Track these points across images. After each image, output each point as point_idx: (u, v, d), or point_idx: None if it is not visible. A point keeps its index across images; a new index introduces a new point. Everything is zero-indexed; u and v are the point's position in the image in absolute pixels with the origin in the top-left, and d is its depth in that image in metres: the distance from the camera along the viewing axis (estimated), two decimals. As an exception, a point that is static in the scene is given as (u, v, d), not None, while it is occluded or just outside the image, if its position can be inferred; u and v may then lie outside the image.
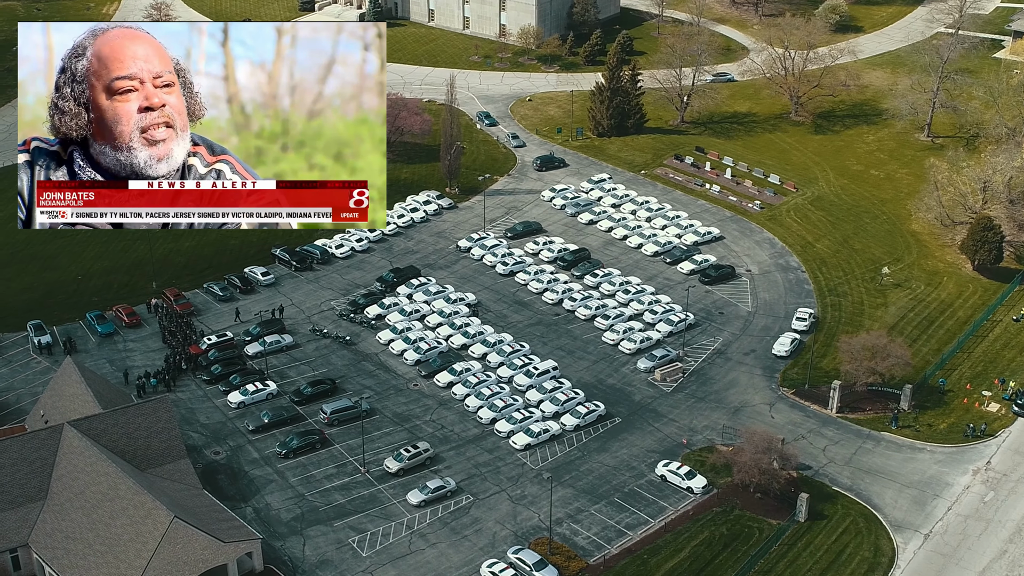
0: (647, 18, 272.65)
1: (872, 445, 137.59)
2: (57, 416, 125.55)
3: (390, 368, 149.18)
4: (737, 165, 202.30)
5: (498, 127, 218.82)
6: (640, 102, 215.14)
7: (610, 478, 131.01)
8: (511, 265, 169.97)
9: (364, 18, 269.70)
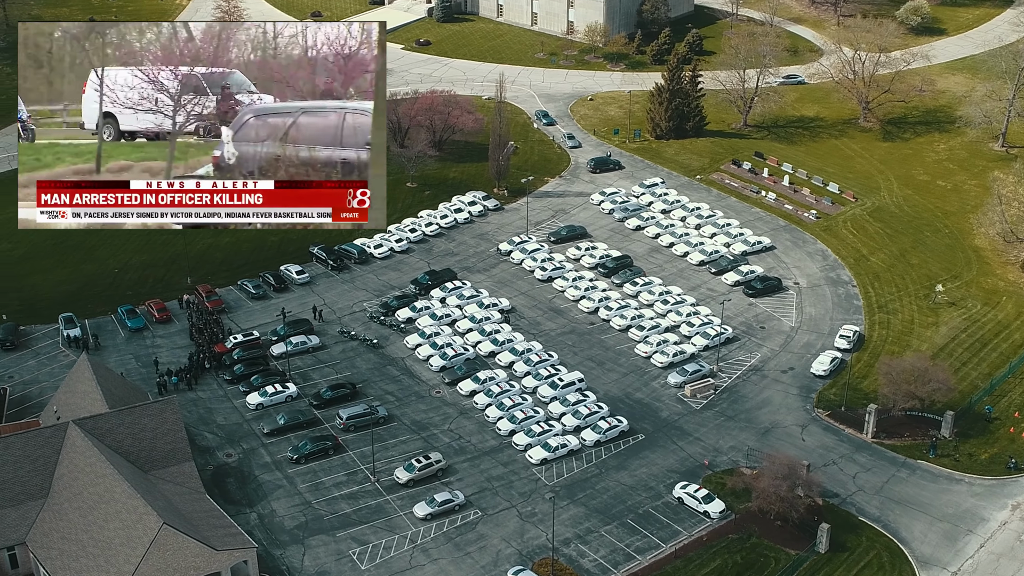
0: (720, 16, 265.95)
1: (906, 474, 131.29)
2: (68, 413, 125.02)
3: (414, 374, 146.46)
4: (796, 172, 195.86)
5: (556, 127, 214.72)
6: (700, 104, 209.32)
7: (625, 498, 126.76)
8: (550, 271, 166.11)
9: (432, 13, 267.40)
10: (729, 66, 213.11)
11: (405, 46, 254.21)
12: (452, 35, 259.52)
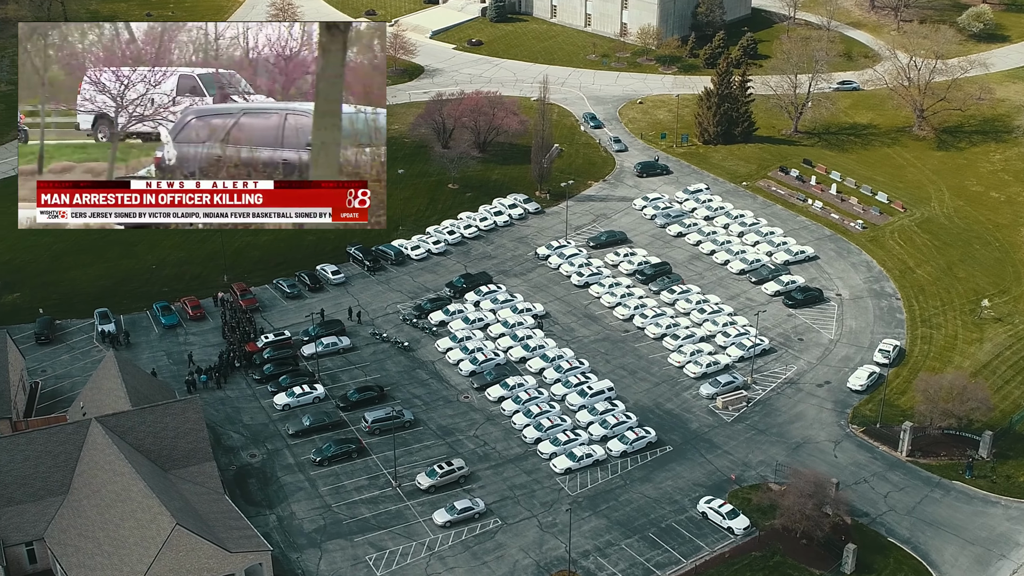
0: (777, 20, 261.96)
1: (940, 495, 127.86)
2: (94, 409, 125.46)
3: (444, 378, 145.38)
4: (844, 180, 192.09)
5: (603, 130, 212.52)
6: (749, 109, 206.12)
7: (648, 511, 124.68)
8: (587, 276, 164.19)
9: (486, 12, 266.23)
10: (780, 71, 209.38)
11: (456, 46, 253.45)
12: (504, 35, 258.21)
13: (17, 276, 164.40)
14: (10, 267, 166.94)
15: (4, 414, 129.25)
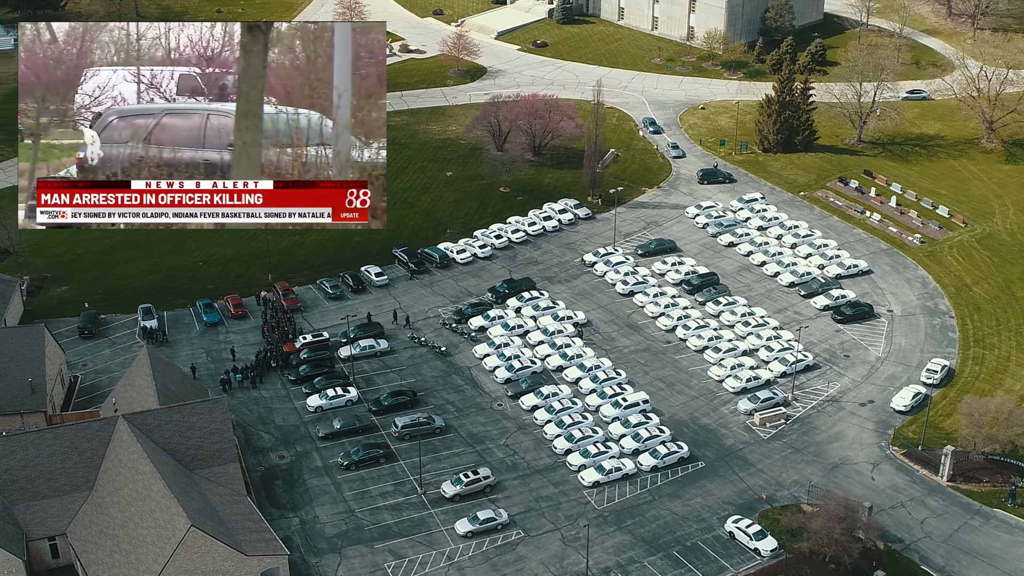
0: (849, 26, 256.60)
1: (980, 522, 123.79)
2: (124, 406, 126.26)
3: (479, 384, 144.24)
4: (905, 193, 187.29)
5: (661, 135, 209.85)
6: (811, 118, 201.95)
7: (675, 528, 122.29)
8: (631, 285, 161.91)
9: (552, 14, 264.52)
10: (844, 78, 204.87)
11: (521, 47, 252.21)
12: (570, 37, 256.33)
13: (67, 270, 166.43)
14: (61, 261, 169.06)
15: (39, 407, 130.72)
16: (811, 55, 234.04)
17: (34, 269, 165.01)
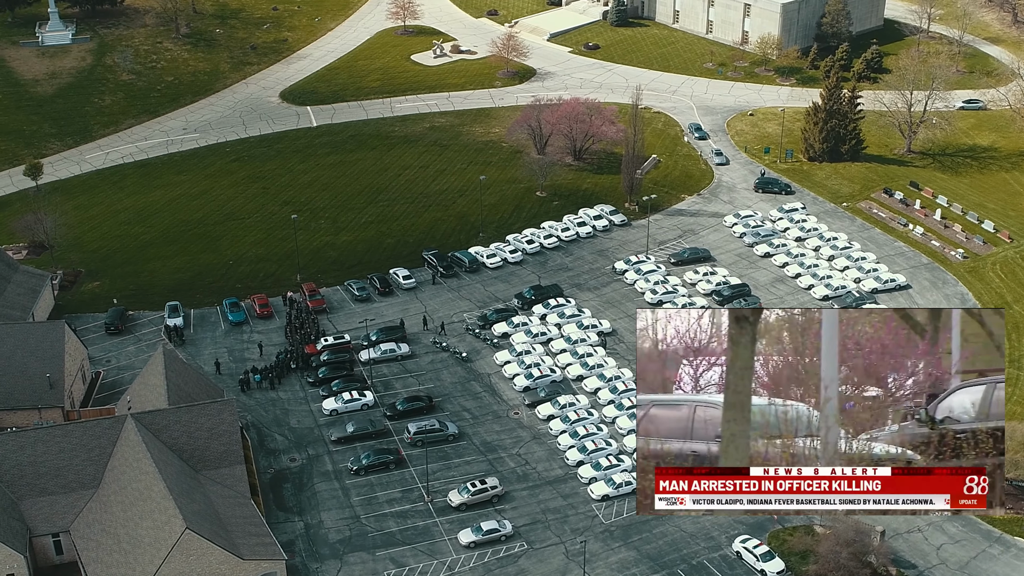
0: (909, 33, 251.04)
1: (999, 551, 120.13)
2: (138, 405, 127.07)
3: (497, 392, 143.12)
4: (951, 206, 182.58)
5: (707, 141, 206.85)
6: (858, 126, 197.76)
7: (682, 546, 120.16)
8: (660, 294, 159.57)
9: (607, 16, 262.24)
10: (894, 87, 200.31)
11: (572, 49, 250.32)
12: (623, 40, 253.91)
13: (102, 265, 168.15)
14: (97, 256, 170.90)
15: (57, 403, 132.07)
16: (866, 62, 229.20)
17: (69, 264, 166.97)
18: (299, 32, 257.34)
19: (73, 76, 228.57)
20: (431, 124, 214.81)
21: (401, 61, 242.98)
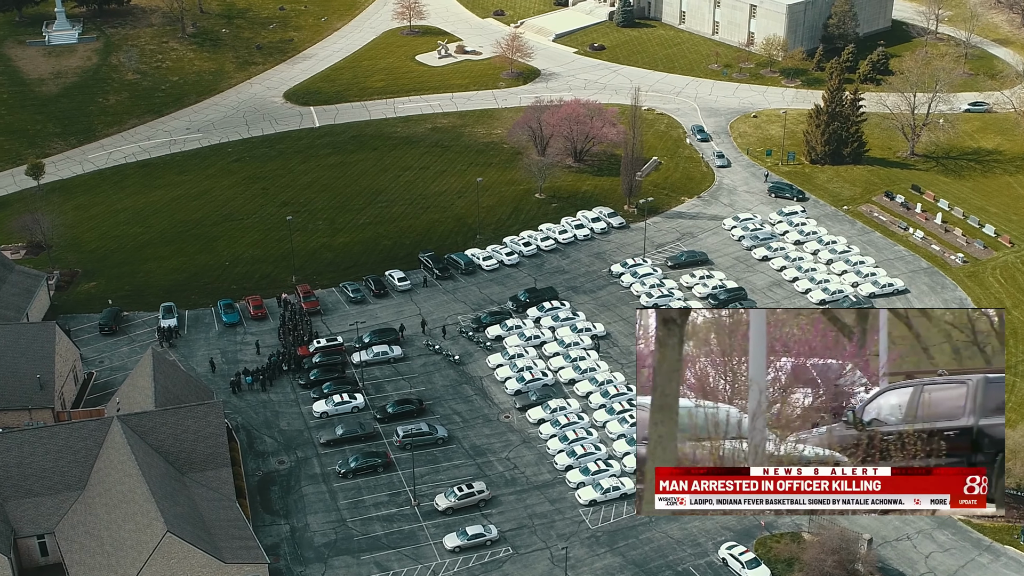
0: (917, 34, 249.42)
1: (988, 559, 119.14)
2: (127, 406, 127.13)
3: (488, 395, 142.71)
4: (952, 209, 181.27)
5: (709, 143, 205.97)
6: (860, 129, 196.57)
7: (668, 552, 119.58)
8: (656, 298, 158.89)
9: (613, 17, 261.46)
10: (897, 89, 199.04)
11: (578, 50, 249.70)
12: (628, 41, 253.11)
13: (99, 265, 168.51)
14: (95, 256, 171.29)
15: (47, 404, 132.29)
16: (872, 64, 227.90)
17: (66, 264, 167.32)
18: (305, 32, 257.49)
19: (78, 75, 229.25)
20: (433, 125, 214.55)
21: (406, 61, 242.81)
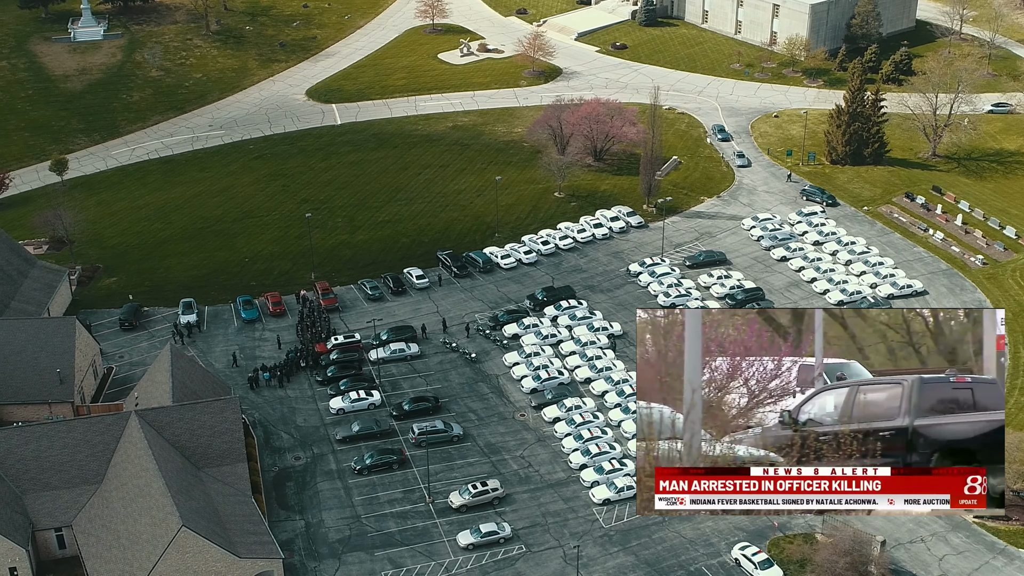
0: (941, 35, 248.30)
1: (1002, 562, 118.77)
2: (145, 401, 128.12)
3: (504, 393, 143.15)
4: (972, 211, 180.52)
5: (729, 143, 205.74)
6: (881, 130, 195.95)
7: (680, 552, 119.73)
8: (674, 297, 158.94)
9: (636, 15, 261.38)
10: (919, 90, 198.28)
11: (600, 49, 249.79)
12: (651, 40, 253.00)
13: (119, 261, 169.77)
14: (116, 251, 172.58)
15: (67, 398, 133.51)
16: (895, 64, 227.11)
17: (87, 259, 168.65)
18: (328, 30, 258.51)
19: (103, 72, 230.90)
20: (454, 123, 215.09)
21: (428, 59, 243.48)
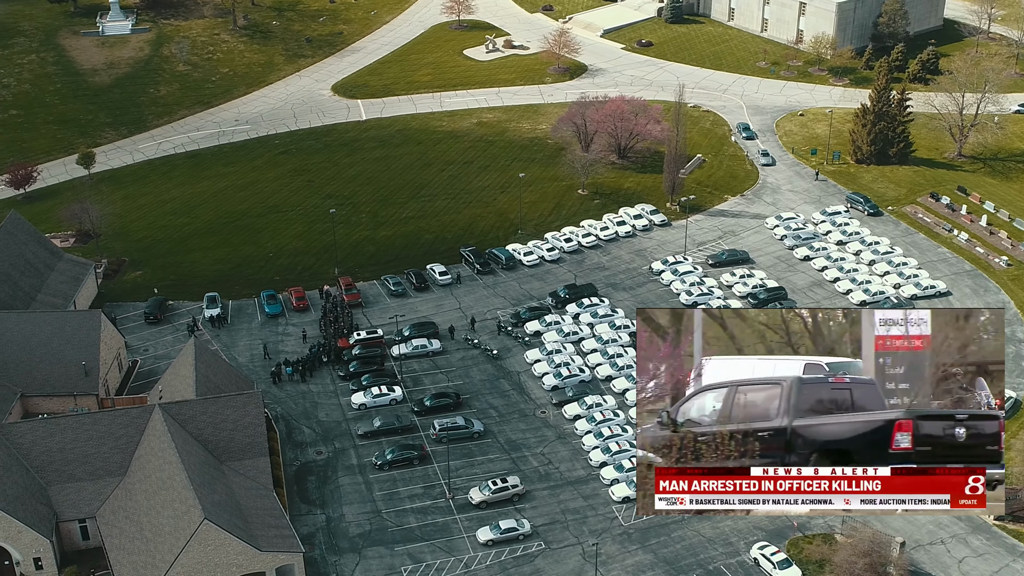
0: (968, 34, 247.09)
1: (1022, 565, 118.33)
2: (169, 395, 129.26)
3: (525, 390, 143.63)
4: (998, 212, 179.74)
5: (754, 142, 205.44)
6: (907, 129, 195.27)
7: (699, 551, 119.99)
8: (695, 296, 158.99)
9: (662, 13, 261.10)
10: (945, 89, 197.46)
11: (625, 46, 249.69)
12: (677, 37, 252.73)
13: (146, 254, 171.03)
14: (142, 245, 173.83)
15: (91, 391, 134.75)
16: (922, 63, 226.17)
17: (113, 253, 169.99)
18: (354, 25, 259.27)
19: (130, 66, 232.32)
20: (479, 119, 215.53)
21: (453, 56, 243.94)
